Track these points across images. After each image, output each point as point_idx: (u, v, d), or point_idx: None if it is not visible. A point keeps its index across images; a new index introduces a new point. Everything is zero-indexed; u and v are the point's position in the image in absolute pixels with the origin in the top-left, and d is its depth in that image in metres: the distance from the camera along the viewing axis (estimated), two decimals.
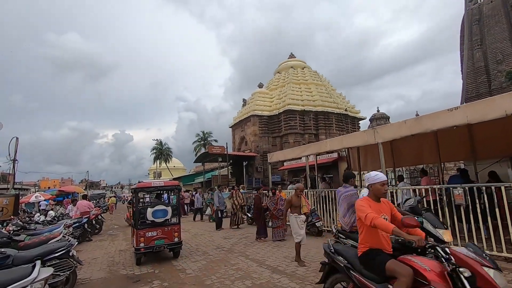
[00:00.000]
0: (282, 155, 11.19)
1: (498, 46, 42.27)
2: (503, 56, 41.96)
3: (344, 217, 3.93)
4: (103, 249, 8.20)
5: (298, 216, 5.33)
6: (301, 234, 5.20)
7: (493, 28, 43.78)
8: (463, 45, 47.24)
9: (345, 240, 3.81)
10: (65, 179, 76.34)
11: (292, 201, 5.41)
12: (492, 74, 42.83)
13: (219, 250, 6.93)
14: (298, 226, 5.26)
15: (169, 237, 6.24)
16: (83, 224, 9.25)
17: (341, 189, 4.29)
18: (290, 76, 27.95)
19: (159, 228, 6.20)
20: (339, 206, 4.10)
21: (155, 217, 6.20)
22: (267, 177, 25.33)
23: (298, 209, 5.41)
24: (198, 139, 48.97)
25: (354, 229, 3.74)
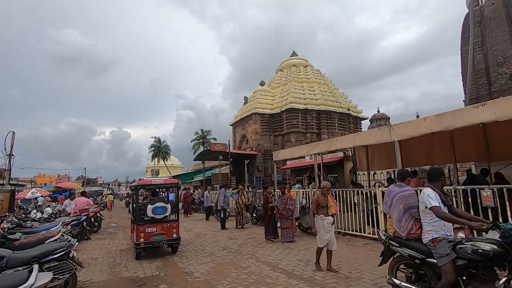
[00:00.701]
0: (288, 153, 10.83)
1: (499, 48, 42.19)
2: (504, 58, 41.87)
3: (400, 222, 3.33)
4: (103, 248, 7.81)
5: (325, 218, 4.82)
6: (326, 239, 4.71)
7: (494, 31, 43.69)
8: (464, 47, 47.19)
9: (399, 249, 3.29)
10: (62, 176, 75.64)
11: (319, 201, 4.88)
12: (493, 76, 42.76)
13: (226, 252, 6.57)
14: (324, 229, 4.76)
15: (168, 233, 6.44)
16: (81, 222, 8.85)
17: (394, 189, 3.62)
18: (292, 74, 27.61)
19: (159, 225, 6.40)
20: (391, 209, 3.51)
21: (155, 214, 6.40)
22: (268, 176, 25.05)
23: (325, 210, 4.88)
24: (197, 137, 48.55)
25: (412, 236, 3.22)
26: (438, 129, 5.99)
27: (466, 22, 48.67)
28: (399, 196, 3.44)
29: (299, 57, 30.65)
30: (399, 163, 6.91)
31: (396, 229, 3.39)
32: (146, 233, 6.24)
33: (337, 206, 5.00)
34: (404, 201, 3.37)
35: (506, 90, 40.56)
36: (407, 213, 3.31)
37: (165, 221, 6.50)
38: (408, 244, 3.20)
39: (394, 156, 12.45)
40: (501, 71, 41.78)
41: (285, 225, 7.24)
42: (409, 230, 3.25)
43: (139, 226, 6.28)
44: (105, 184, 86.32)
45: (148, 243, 6.21)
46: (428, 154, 10.29)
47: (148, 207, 6.45)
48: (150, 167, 62.78)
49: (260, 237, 8.04)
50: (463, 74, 47.23)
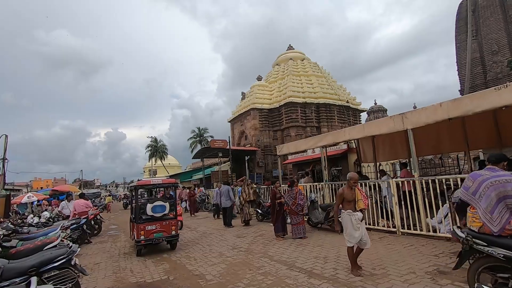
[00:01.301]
0: (293, 147, 10.51)
1: (494, 36, 42.01)
2: (499, 47, 41.72)
3: (492, 213, 2.71)
4: (105, 252, 7.45)
5: (353, 213, 4.21)
6: (356, 236, 4.13)
7: (489, 19, 43.46)
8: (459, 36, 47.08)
9: (488, 249, 2.72)
10: (58, 179, 74.70)
11: (345, 194, 4.28)
12: (488, 65, 42.63)
13: (237, 251, 6.25)
14: (352, 226, 4.16)
15: (167, 230, 6.76)
16: (81, 225, 8.47)
17: (485, 173, 2.97)
18: (290, 68, 27.20)
19: (158, 222, 6.70)
20: (476, 196, 2.90)
21: (154, 212, 6.72)
22: (269, 172, 24.74)
23: (352, 205, 4.28)
24: (193, 135, 48.13)
25: (508, 233, 2.66)
26: (456, 114, 5.69)
27: (461, 11, 48.59)
28: (492, 182, 2.83)
29: (295, 51, 30.22)
30: (413, 153, 6.61)
31: (485, 222, 2.82)
32: (146, 230, 6.53)
33: (366, 199, 4.41)
34: (498, 188, 2.77)
35: (502, 78, 40.50)
36: (501, 203, 2.73)
37: (164, 219, 6.79)
38: (502, 242, 2.65)
39: (399, 147, 12.27)
40: (496, 60, 41.68)
41: (295, 221, 6.93)
42: (503, 225, 2.69)
43: (140, 224, 6.56)
44: (103, 185, 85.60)
45: (148, 240, 6.52)
46: (436, 142, 10.04)
47: (147, 206, 6.73)
48: (147, 167, 62.20)
49: (269, 234, 7.73)
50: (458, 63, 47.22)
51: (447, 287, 3.49)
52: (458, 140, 9.48)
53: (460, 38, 51.13)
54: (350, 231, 4.19)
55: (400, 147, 11.80)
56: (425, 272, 4.02)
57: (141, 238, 6.46)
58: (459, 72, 49.58)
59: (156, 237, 6.59)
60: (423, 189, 6.22)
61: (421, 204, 6.08)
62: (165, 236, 6.72)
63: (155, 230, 6.62)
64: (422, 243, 5.52)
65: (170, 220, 6.86)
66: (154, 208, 6.72)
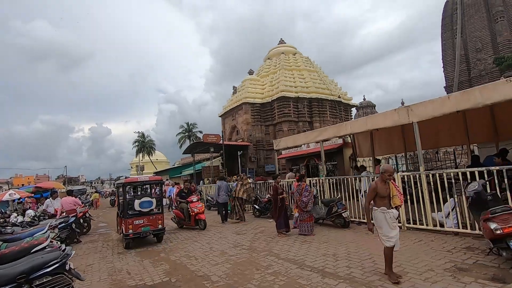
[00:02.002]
0: (291, 141, 10.26)
1: (478, 34, 43.12)
2: (482, 44, 42.86)
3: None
4: (97, 252, 7.02)
5: (387, 211, 3.72)
6: (393, 236, 3.66)
7: (473, 17, 44.53)
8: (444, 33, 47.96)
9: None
10: (41, 176, 72.27)
11: (378, 189, 3.74)
12: (472, 62, 43.75)
13: (239, 249, 5.97)
14: (388, 225, 3.69)
15: (154, 224, 7.19)
16: (70, 224, 7.98)
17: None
18: (281, 62, 26.90)
19: (145, 217, 7.12)
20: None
21: (141, 207, 7.12)
22: (261, 167, 24.51)
23: (387, 201, 3.77)
24: (182, 130, 47.40)
25: None
26: (465, 107, 5.56)
27: (446, 9, 49.47)
28: None
29: (287, 45, 29.92)
30: (419, 146, 6.46)
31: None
32: (134, 224, 6.95)
33: (402, 195, 3.95)
34: None
35: (485, 75, 41.63)
36: None
37: (151, 214, 7.21)
38: None
39: (396, 141, 12.20)
40: (480, 57, 42.81)
41: (302, 217, 6.68)
42: None
43: (128, 219, 6.96)
44: (88, 182, 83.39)
45: (136, 234, 6.94)
46: (435, 137, 10.01)
47: (135, 202, 7.17)
48: (134, 163, 60.82)
49: (269, 231, 7.49)
50: (444, 60, 48.18)
51: (471, 285, 3.33)
52: (457, 134, 9.48)
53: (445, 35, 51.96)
54: (386, 230, 3.69)
55: (396, 141, 11.79)
56: (444, 269, 3.85)
57: (130, 231, 6.86)
58: (444, 69, 50.42)
59: (143, 230, 7.02)
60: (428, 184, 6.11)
61: (427, 198, 5.96)
62: (152, 230, 7.15)
63: (142, 224, 7.04)
64: (430, 238, 5.40)
65: (157, 215, 7.30)
66: (142, 203, 7.15)
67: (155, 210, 7.33)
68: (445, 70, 46.88)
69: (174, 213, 9.69)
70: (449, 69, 45.00)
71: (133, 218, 6.98)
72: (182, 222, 9.14)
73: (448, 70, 45.36)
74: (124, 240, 7.06)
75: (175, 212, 9.58)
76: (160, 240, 7.43)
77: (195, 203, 8.84)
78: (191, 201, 8.89)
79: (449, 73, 44.83)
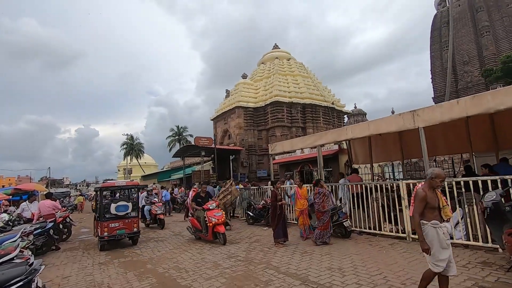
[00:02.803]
0: (288, 145, 9.86)
1: (465, 48, 44.26)
2: (469, 57, 43.96)
3: None
4: (76, 261, 6.37)
5: (440, 225, 2.93)
6: (444, 258, 2.87)
7: (460, 31, 45.72)
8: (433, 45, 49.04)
9: None
10: (23, 177, 69.62)
11: (428, 198, 2.95)
12: (459, 74, 44.78)
13: (234, 260, 5.46)
14: (439, 243, 2.88)
15: (129, 227, 7.39)
16: (47, 230, 7.29)
17: None
18: (275, 67, 26.71)
19: (121, 220, 7.33)
20: None
21: (117, 211, 7.33)
22: (253, 172, 24.02)
23: (437, 213, 3.00)
24: (172, 134, 46.72)
25: None
26: (475, 112, 5.28)
27: (435, 22, 50.69)
28: None
29: (281, 50, 29.83)
30: (425, 152, 6.16)
31: None
32: (110, 227, 7.16)
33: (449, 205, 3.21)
34: None
35: (471, 87, 42.66)
36: None
37: (127, 217, 7.42)
38: None
39: (392, 148, 11.97)
40: (467, 69, 43.88)
41: (321, 222, 6.21)
42: None
43: (103, 222, 7.17)
44: (72, 184, 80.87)
45: (111, 236, 7.14)
46: (432, 144, 9.79)
47: (111, 206, 7.36)
48: (122, 166, 59.46)
49: (265, 240, 7.02)
50: (432, 72, 49.20)
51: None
52: (456, 142, 9.29)
53: (434, 48, 53.18)
54: (437, 250, 2.88)
55: (393, 149, 11.56)
56: (464, 287, 3.48)
57: (105, 234, 7.08)
58: (433, 80, 51.48)
59: (118, 233, 7.24)
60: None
61: None
62: (127, 233, 7.37)
63: (118, 227, 7.25)
64: None
65: (133, 218, 7.53)
66: (118, 207, 7.35)
67: (131, 214, 7.58)
68: (433, 81, 47.76)
69: (190, 222, 8.24)
70: (437, 80, 45.85)
71: (109, 221, 7.21)
72: (199, 233, 7.64)
73: (437, 81, 46.22)
74: (99, 242, 7.31)
75: (191, 221, 8.08)
76: (135, 243, 7.65)
77: (212, 211, 7.27)
78: (207, 208, 7.37)
79: (437, 84, 45.67)
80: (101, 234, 7.13)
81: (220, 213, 7.33)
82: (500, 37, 40.91)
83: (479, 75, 40.26)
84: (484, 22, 42.42)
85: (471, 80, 43.04)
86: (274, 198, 6.57)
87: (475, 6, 43.63)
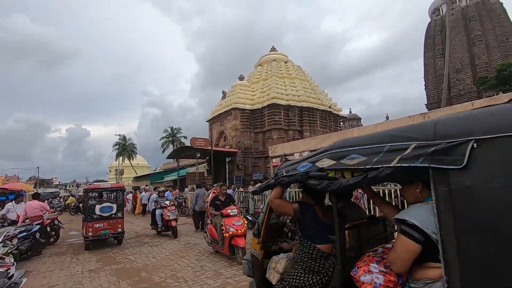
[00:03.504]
0: (289, 147, 9.56)
1: (458, 56, 44.92)
2: (462, 65, 44.64)
3: None
4: (63, 268, 5.92)
5: None
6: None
7: (454, 39, 46.37)
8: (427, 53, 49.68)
9: None
10: (10, 176, 67.82)
11: None
12: (452, 82, 45.37)
13: (236, 269, 5.09)
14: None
15: (113, 228, 7.68)
16: (33, 234, 6.81)
17: None
18: (273, 69, 26.49)
19: (106, 221, 7.63)
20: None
21: (102, 212, 7.61)
22: (249, 175, 23.64)
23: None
24: (166, 135, 46.10)
25: None
26: None
27: (429, 30, 51.41)
28: None
29: (279, 52, 29.66)
30: None
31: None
32: (94, 228, 7.48)
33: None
34: None
35: (464, 95, 43.26)
36: None
37: (111, 218, 7.71)
38: None
39: None
40: (459, 77, 44.50)
41: None
42: None
43: (88, 222, 7.49)
44: (62, 185, 79.02)
45: (95, 236, 7.46)
46: None
47: (96, 207, 7.67)
48: (113, 167, 58.30)
49: None
50: (426, 79, 49.79)
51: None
52: None
53: (428, 55, 53.79)
54: None
55: None
56: None
57: (89, 234, 7.39)
58: (426, 87, 52.01)
59: (103, 233, 7.55)
60: None
61: None
62: (111, 233, 7.67)
63: (102, 227, 7.55)
64: None
65: (117, 219, 7.81)
66: (102, 208, 7.63)
67: (117, 214, 7.86)
68: (426, 88, 48.28)
69: (208, 230, 6.73)
70: (430, 87, 46.34)
71: (94, 221, 7.53)
72: (215, 245, 6.24)
73: (430, 88, 46.71)
74: (84, 241, 7.59)
75: (209, 229, 6.61)
76: (120, 242, 7.90)
77: (231, 219, 5.82)
78: (227, 214, 5.95)
79: (430, 91, 46.14)
80: (85, 234, 7.43)
81: (241, 222, 5.81)
82: (492, 46, 41.55)
83: (471, 83, 40.85)
84: (477, 31, 43.11)
85: (463, 88, 43.63)
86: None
87: (468, 16, 44.32)
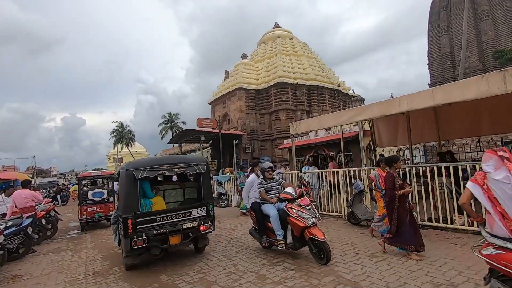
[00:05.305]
0: (316, 123, 8.31)
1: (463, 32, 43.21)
2: (468, 42, 43.02)
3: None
4: (62, 270, 4.81)
5: None
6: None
7: (459, 15, 44.50)
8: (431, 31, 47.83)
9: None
10: (8, 166, 66.51)
11: None
12: (457, 60, 43.84)
13: (282, 269, 4.00)
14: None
15: (105, 211, 8.61)
16: (23, 229, 5.66)
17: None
18: (278, 46, 24.92)
19: (98, 205, 8.61)
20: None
21: (94, 197, 8.63)
22: (256, 158, 22.53)
23: None
24: (164, 121, 45.10)
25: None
26: None
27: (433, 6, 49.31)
28: None
29: (283, 29, 27.97)
30: None
31: None
32: (88, 211, 8.45)
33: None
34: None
35: (469, 73, 41.90)
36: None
37: (103, 202, 8.70)
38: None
39: (426, 129, 10.61)
40: (465, 55, 42.98)
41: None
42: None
43: (82, 206, 8.45)
44: (61, 174, 77.94)
45: (89, 219, 8.46)
46: (473, 124, 8.50)
47: (89, 192, 8.68)
48: (112, 155, 57.10)
49: None
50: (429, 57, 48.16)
51: None
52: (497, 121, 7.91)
53: (432, 33, 51.89)
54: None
55: (427, 129, 10.21)
56: None
57: (84, 217, 8.38)
58: (430, 66, 50.43)
59: (96, 216, 8.52)
60: None
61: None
62: (104, 215, 8.57)
63: (95, 211, 8.53)
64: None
65: (108, 203, 8.77)
66: (94, 194, 8.65)
67: (108, 199, 8.82)
68: (430, 67, 46.73)
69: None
70: (434, 66, 44.82)
71: (87, 205, 8.47)
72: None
73: (434, 67, 45.19)
74: (80, 224, 8.65)
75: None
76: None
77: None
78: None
79: (434, 70, 44.67)
80: (80, 217, 8.39)
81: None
82: (499, 22, 39.84)
83: (477, 61, 39.41)
84: (484, 6, 41.26)
85: (469, 66, 42.22)
86: (393, 184, 4.31)
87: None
